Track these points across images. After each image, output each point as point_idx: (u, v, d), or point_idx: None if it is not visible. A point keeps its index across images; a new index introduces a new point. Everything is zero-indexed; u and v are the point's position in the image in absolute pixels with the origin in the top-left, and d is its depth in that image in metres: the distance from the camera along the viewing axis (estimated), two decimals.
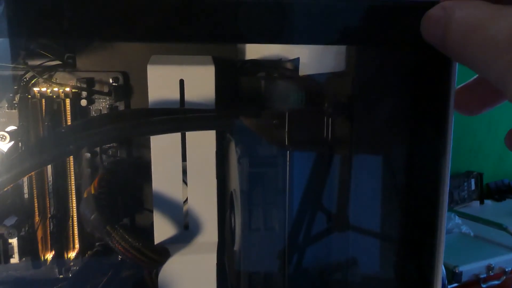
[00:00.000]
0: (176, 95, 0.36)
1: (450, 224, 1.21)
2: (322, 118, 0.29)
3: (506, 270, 1.02)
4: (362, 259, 0.35)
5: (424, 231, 0.29)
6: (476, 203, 1.44)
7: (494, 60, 0.20)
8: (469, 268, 0.99)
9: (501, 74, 0.20)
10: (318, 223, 0.34)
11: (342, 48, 0.30)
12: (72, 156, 0.38)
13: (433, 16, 0.24)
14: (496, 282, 1.00)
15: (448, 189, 0.29)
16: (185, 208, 0.38)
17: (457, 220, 1.21)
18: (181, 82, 0.36)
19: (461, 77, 0.26)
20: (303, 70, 0.36)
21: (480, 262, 1.02)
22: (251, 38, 0.26)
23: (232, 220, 0.37)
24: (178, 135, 0.36)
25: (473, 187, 1.44)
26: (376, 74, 0.28)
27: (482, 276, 0.99)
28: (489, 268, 0.99)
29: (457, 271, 0.97)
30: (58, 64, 0.38)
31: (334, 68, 0.30)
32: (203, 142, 0.37)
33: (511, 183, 1.55)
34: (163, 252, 0.35)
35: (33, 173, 0.37)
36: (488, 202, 1.46)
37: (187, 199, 0.38)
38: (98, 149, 0.39)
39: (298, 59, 0.37)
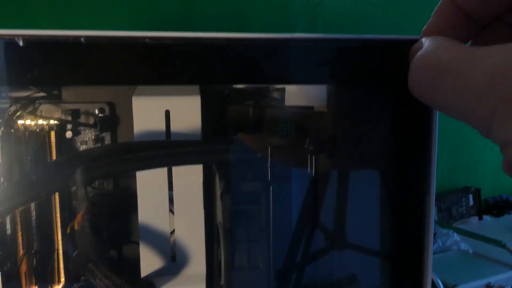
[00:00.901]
0: (162, 126, 0.36)
1: (448, 241, 1.20)
2: (305, 154, 0.29)
3: None
4: (356, 278, 0.34)
5: (411, 248, 0.29)
6: (475, 219, 1.43)
7: (473, 108, 0.18)
8: (468, 287, 0.98)
9: (484, 122, 0.18)
10: (303, 255, 0.34)
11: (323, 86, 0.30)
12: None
13: (412, 51, 0.23)
14: None
15: (433, 206, 0.28)
16: (172, 239, 0.37)
17: (456, 237, 1.19)
18: (167, 113, 0.36)
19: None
20: (288, 101, 0.36)
21: (480, 280, 1.00)
22: (233, 80, 0.26)
23: (219, 253, 0.37)
24: None
25: (471, 202, 1.43)
26: (359, 111, 0.28)
27: None
28: (489, 286, 0.98)
29: None
30: (43, 96, 0.38)
31: (317, 102, 0.30)
32: (190, 172, 0.36)
33: (510, 198, 1.54)
34: (147, 287, 0.34)
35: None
36: (486, 217, 1.45)
37: (174, 230, 0.37)
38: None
39: (284, 88, 0.37)
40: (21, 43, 0.19)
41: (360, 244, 0.33)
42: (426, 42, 0.22)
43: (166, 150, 0.31)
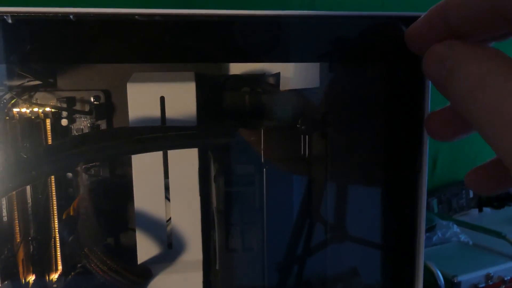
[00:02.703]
0: (157, 113, 0.36)
1: (448, 233, 1.20)
2: (298, 134, 0.29)
3: (505, 279, 1.01)
4: (354, 270, 0.34)
5: (404, 238, 0.29)
6: (475, 211, 1.43)
7: (506, 133, 0.17)
8: (468, 278, 0.98)
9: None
10: (297, 239, 0.34)
11: (319, 65, 0.30)
12: (52, 176, 0.37)
13: (437, 54, 0.21)
14: None
15: (425, 197, 0.28)
16: (168, 226, 0.37)
17: (456, 228, 1.19)
18: (162, 99, 0.36)
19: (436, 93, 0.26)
20: (283, 85, 0.36)
21: (479, 271, 1.00)
22: (231, 58, 0.26)
23: (215, 239, 0.37)
24: (159, 152, 0.36)
25: (471, 194, 1.43)
26: (351, 89, 0.28)
27: (481, 285, 0.98)
28: (488, 277, 0.98)
29: (455, 281, 0.96)
30: (38, 84, 0.38)
31: (311, 84, 0.30)
32: (185, 158, 0.36)
33: (510, 190, 1.54)
34: (144, 273, 0.34)
35: (13, 194, 0.36)
36: (487, 209, 1.45)
37: (170, 217, 0.37)
38: (79, 168, 0.38)
39: (279, 73, 0.37)
40: (9, 21, 0.19)
41: (357, 233, 0.33)
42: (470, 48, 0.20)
43: (161, 134, 0.31)
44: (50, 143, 0.38)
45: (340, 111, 0.29)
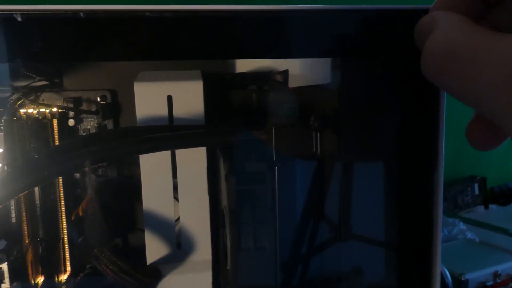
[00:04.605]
0: (165, 112, 0.35)
1: (454, 230, 1.20)
2: (310, 132, 0.29)
3: None
4: (363, 269, 0.34)
5: (419, 238, 0.28)
6: (481, 208, 1.42)
7: (487, 99, 0.18)
8: (475, 276, 0.97)
9: (496, 114, 0.18)
10: (311, 236, 0.33)
11: (328, 61, 0.29)
12: (61, 177, 0.37)
13: (422, 25, 0.22)
14: None
15: (442, 193, 0.28)
16: (177, 226, 0.37)
17: (462, 226, 1.19)
18: (169, 98, 0.35)
19: None
20: (292, 82, 0.36)
21: (487, 269, 1.00)
22: (241, 54, 0.25)
23: (225, 238, 0.36)
24: (167, 152, 0.36)
25: (477, 191, 1.42)
26: (365, 85, 0.28)
27: (489, 283, 0.97)
28: (496, 275, 0.97)
29: (463, 279, 0.95)
30: (44, 84, 0.37)
31: (322, 80, 0.30)
32: (193, 158, 0.36)
33: None
34: (154, 273, 0.34)
35: (21, 195, 0.36)
36: (493, 206, 1.44)
37: (179, 217, 0.37)
38: (87, 169, 0.38)
39: (287, 71, 0.36)
40: (19, 19, 0.19)
41: (366, 232, 0.33)
42: (439, 21, 0.21)
43: (169, 133, 0.31)
44: (57, 143, 0.37)
45: (353, 107, 0.29)
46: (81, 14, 0.19)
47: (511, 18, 0.23)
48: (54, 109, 0.37)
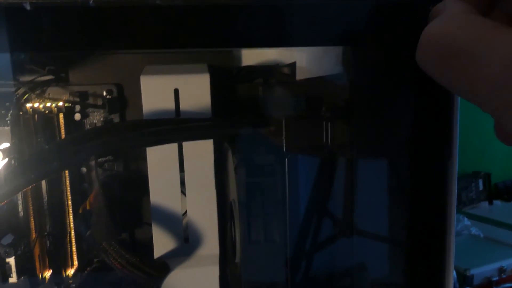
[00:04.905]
0: (171, 105, 0.35)
1: (459, 226, 1.19)
2: (321, 123, 0.29)
3: None
4: (370, 265, 0.33)
5: (433, 234, 0.28)
6: (485, 204, 1.42)
7: (486, 96, 0.17)
8: (480, 271, 0.97)
9: (496, 111, 0.17)
10: (321, 230, 0.33)
11: (339, 50, 0.29)
12: (67, 171, 0.37)
13: (435, 12, 0.22)
14: (509, 285, 0.98)
15: (456, 190, 0.28)
16: (184, 220, 0.37)
17: (466, 221, 1.19)
18: (176, 91, 0.35)
19: None
20: (300, 74, 0.35)
21: (492, 264, 1.00)
22: (251, 43, 0.25)
23: (233, 232, 0.36)
24: (174, 146, 0.35)
25: (481, 187, 1.42)
26: (378, 75, 0.27)
27: (494, 278, 0.97)
28: (501, 270, 0.97)
29: (468, 274, 0.95)
30: (50, 79, 0.37)
31: (333, 70, 0.30)
32: (200, 151, 0.36)
33: None
34: (161, 267, 0.34)
35: (28, 189, 0.36)
36: (497, 202, 1.44)
37: (186, 211, 0.37)
38: (93, 163, 0.38)
39: (294, 63, 0.36)
40: (28, 7, 0.18)
41: (375, 227, 0.33)
42: (445, 9, 0.20)
43: (177, 125, 0.31)
44: (64, 137, 0.37)
45: (364, 99, 0.28)
46: (90, 2, 0.19)
47: None
48: (60, 104, 0.37)
